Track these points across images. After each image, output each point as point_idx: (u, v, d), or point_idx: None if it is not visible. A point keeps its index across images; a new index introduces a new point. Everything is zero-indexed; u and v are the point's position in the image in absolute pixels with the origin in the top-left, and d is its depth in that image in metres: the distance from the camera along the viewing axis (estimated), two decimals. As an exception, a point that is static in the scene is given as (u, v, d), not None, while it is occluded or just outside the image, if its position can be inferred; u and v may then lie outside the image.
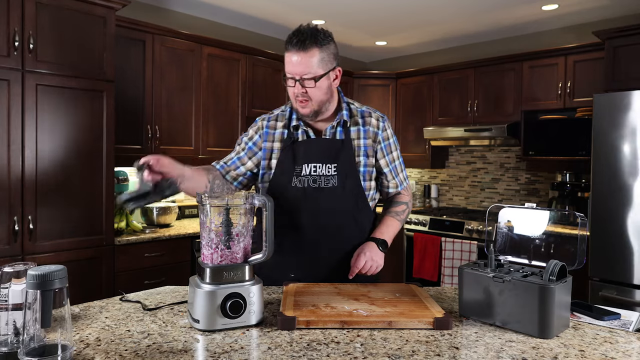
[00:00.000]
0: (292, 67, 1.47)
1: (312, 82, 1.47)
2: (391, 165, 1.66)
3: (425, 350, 1.04)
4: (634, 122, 2.75)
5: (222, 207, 1.20)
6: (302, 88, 1.48)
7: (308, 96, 1.49)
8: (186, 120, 3.45)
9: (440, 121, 4.41)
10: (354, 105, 1.66)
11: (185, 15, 3.83)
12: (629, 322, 1.25)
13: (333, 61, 1.52)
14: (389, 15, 3.83)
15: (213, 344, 1.07)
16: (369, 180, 1.61)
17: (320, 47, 1.47)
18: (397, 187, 1.70)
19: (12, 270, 1.01)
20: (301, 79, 1.47)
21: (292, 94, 1.52)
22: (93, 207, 2.74)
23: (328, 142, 1.57)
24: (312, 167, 1.55)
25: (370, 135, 1.61)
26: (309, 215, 1.55)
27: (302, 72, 1.46)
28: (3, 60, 2.39)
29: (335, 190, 1.55)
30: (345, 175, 1.56)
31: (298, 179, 1.55)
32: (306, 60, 1.45)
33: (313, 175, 1.55)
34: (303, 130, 1.59)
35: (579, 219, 1.23)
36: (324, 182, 1.55)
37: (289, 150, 1.57)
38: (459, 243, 3.76)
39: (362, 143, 1.60)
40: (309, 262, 1.57)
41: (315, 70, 1.46)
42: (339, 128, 1.59)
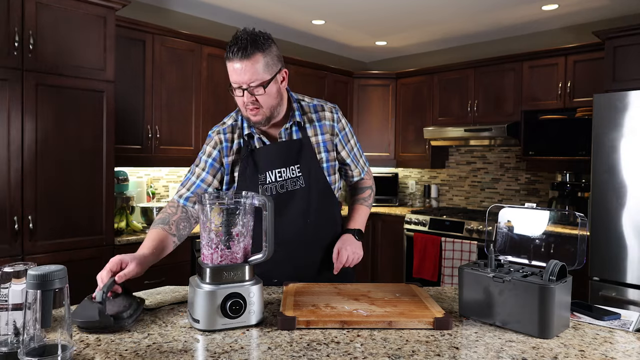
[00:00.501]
0: (237, 76, 1.42)
1: (260, 89, 1.43)
2: (351, 154, 1.66)
3: (425, 350, 1.04)
4: (634, 122, 2.75)
5: (223, 207, 1.20)
6: (251, 97, 1.44)
7: (258, 104, 1.45)
8: (186, 120, 3.45)
9: (440, 121, 4.41)
10: (304, 101, 1.63)
11: (185, 15, 3.83)
12: (629, 322, 1.25)
13: (277, 63, 1.48)
14: (389, 15, 3.83)
15: (213, 344, 1.07)
16: (333, 175, 1.61)
17: (263, 52, 1.42)
18: (360, 175, 1.72)
19: (12, 270, 1.01)
20: (249, 87, 1.42)
21: (242, 104, 1.47)
22: (93, 207, 2.74)
23: (286, 145, 1.54)
24: (276, 173, 1.53)
25: (327, 130, 1.59)
26: (284, 220, 1.53)
27: (248, 80, 1.41)
28: (3, 60, 2.39)
29: (303, 191, 1.54)
30: (310, 175, 1.54)
31: (264, 187, 1.52)
32: (251, 68, 1.40)
33: (279, 180, 1.53)
34: (258, 138, 1.55)
35: (579, 219, 1.23)
36: (291, 186, 1.53)
37: (249, 160, 1.53)
38: (459, 243, 3.76)
39: (321, 139, 1.58)
40: (289, 265, 1.56)
41: (261, 76, 1.42)
42: (294, 128, 1.56)
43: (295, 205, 1.54)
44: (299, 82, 4.17)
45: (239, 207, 1.21)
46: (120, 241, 2.83)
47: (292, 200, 1.54)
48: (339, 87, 4.62)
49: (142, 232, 3.06)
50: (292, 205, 1.54)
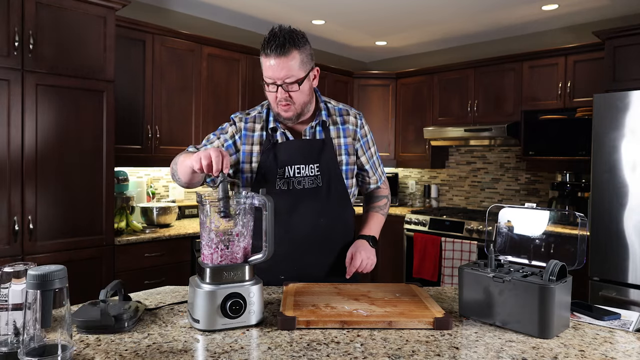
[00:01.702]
0: (274, 72, 1.44)
1: (295, 86, 1.45)
2: (370, 161, 1.68)
3: (425, 350, 1.04)
4: (634, 122, 2.75)
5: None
6: (284, 93, 1.46)
7: (291, 100, 1.48)
8: (186, 120, 3.45)
9: (440, 121, 4.41)
10: (330, 104, 1.66)
11: (185, 15, 3.83)
12: (629, 322, 1.25)
13: (311, 62, 1.51)
14: (389, 15, 3.83)
15: (213, 344, 1.07)
16: (350, 179, 1.62)
17: (299, 49, 1.44)
18: (377, 182, 1.72)
19: (12, 270, 1.01)
20: (283, 83, 1.45)
21: (274, 99, 1.50)
22: (93, 207, 2.74)
23: (309, 143, 1.56)
24: (295, 169, 1.54)
25: (349, 134, 1.61)
26: (297, 216, 1.54)
27: (284, 77, 1.44)
28: (3, 60, 2.39)
29: (320, 191, 1.55)
30: (328, 175, 1.56)
31: (282, 181, 1.53)
32: (287, 64, 1.42)
33: (297, 176, 1.54)
34: (282, 132, 1.57)
35: (579, 219, 1.23)
36: (308, 183, 1.54)
37: (270, 153, 1.55)
38: (459, 243, 3.76)
39: (343, 142, 1.60)
40: (299, 263, 1.57)
41: (297, 73, 1.44)
42: (318, 128, 1.58)
43: (310, 203, 1.55)
44: (299, 82, 4.17)
45: (239, 207, 1.21)
46: (120, 241, 2.83)
47: (307, 198, 1.54)
48: (339, 87, 4.62)
49: (142, 232, 3.06)
50: (307, 203, 1.54)
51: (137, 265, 2.91)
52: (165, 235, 3.03)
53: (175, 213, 3.36)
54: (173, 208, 3.33)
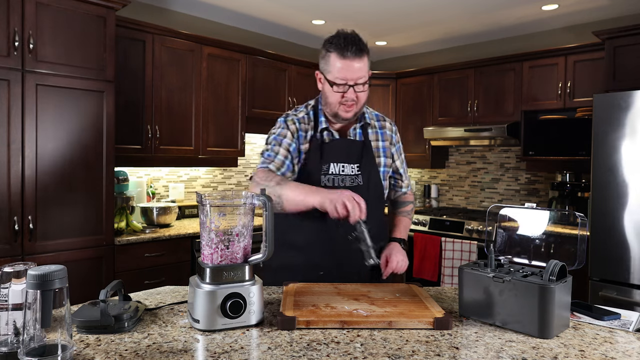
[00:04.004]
0: (352, 73, 1.50)
1: (365, 86, 1.54)
2: (403, 166, 1.78)
3: (425, 350, 1.04)
4: (634, 122, 2.75)
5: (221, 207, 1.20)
6: (354, 93, 1.52)
7: (357, 100, 1.54)
8: (186, 120, 3.45)
9: (440, 121, 4.41)
10: (368, 109, 1.73)
11: (185, 15, 3.83)
12: (629, 322, 1.25)
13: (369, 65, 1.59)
14: (389, 15, 3.83)
15: (213, 344, 1.07)
16: (385, 181, 1.70)
17: (368, 54, 1.55)
18: (407, 187, 1.82)
19: (12, 270, 1.01)
20: (355, 84, 1.51)
21: (338, 99, 1.54)
22: (93, 207, 2.74)
23: (352, 143, 1.63)
24: (340, 167, 1.59)
25: (387, 138, 1.71)
26: None
27: (359, 77, 1.51)
28: (3, 60, 2.39)
29: (359, 189, 1.57)
30: (368, 175, 1.62)
31: (326, 178, 1.58)
32: (364, 66, 1.52)
33: (341, 174, 1.59)
34: (329, 133, 1.63)
35: (579, 219, 1.23)
36: (348, 182, 1.59)
37: (317, 151, 1.60)
38: (459, 243, 3.76)
39: (381, 145, 1.69)
40: (338, 261, 1.59)
41: (367, 75, 1.53)
42: (359, 130, 1.66)
43: None
44: (300, 82, 4.17)
45: (239, 207, 1.21)
46: (120, 241, 2.83)
47: None
48: (339, 87, 4.61)
49: (142, 232, 3.06)
50: None
51: (137, 265, 2.91)
52: (165, 235, 3.03)
53: (175, 213, 3.36)
54: (173, 208, 3.33)
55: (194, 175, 3.94)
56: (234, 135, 3.73)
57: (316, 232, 1.58)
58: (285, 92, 4.09)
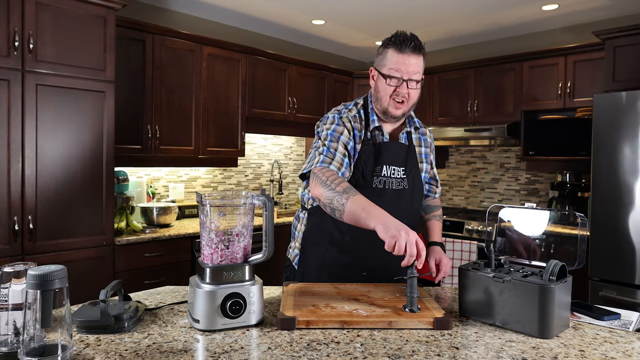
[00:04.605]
0: (408, 67, 1.53)
1: (418, 84, 1.56)
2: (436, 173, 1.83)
3: (425, 350, 1.04)
4: (634, 122, 2.75)
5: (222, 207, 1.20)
6: (406, 89, 1.54)
7: (408, 97, 1.56)
8: (186, 120, 3.45)
9: (440, 121, 4.41)
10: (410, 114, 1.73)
11: (185, 15, 3.83)
12: (629, 322, 1.25)
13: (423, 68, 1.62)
14: (389, 15, 3.83)
15: (213, 344, 1.07)
16: (425, 184, 1.75)
17: (424, 56, 1.58)
18: (439, 193, 1.87)
19: (12, 270, 1.01)
20: (409, 79, 1.53)
21: (389, 94, 1.55)
22: (93, 207, 2.73)
23: (400, 146, 1.65)
24: (391, 169, 1.61)
25: (428, 144, 1.74)
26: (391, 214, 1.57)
27: (414, 73, 1.54)
28: (3, 60, 2.39)
29: (405, 193, 1.62)
30: (412, 179, 1.64)
31: (378, 180, 1.59)
32: (420, 63, 1.55)
33: (391, 177, 1.61)
34: (379, 133, 1.64)
35: (579, 219, 1.23)
36: (395, 184, 1.61)
37: (370, 152, 1.60)
38: (459, 243, 3.76)
39: (423, 151, 1.72)
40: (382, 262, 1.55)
41: (421, 73, 1.57)
42: (404, 134, 1.68)
43: (397, 204, 1.60)
44: (300, 82, 4.17)
45: (239, 207, 1.21)
46: (120, 241, 2.83)
47: (395, 198, 1.61)
48: (339, 87, 4.62)
49: (142, 232, 3.06)
50: (395, 203, 1.59)
51: (137, 265, 2.91)
52: (165, 235, 3.03)
53: (175, 213, 3.36)
54: (173, 208, 3.33)
55: (194, 175, 3.94)
56: (234, 135, 3.73)
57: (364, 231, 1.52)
58: (285, 92, 4.09)
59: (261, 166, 4.46)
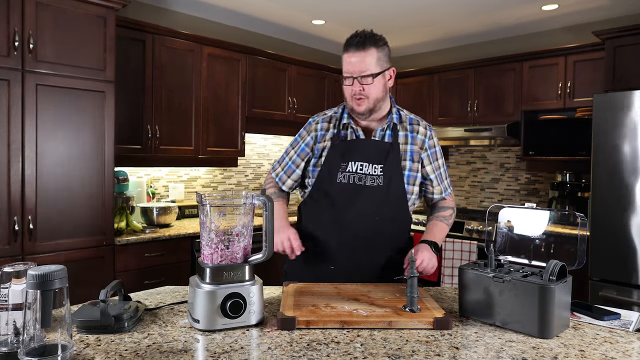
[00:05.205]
0: (352, 66, 1.56)
1: (369, 79, 1.56)
2: (437, 172, 1.73)
3: (425, 350, 1.04)
4: (634, 122, 2.75)
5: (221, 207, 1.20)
6: (359, 86, 1.57)
7: (365, 94, 1.58)
8: (186, 120, 3.44)
9: (440, 121, 4.41)
10: (403, 112, 1.73)
11: (185, 15, 3.83)
12: (629, 322, 1.25)
13: (388, 62, 1.62)
14: (389, 15, 3.83)
15: (213, 344, 1.07)
16: (412, 185, 1.67)
17: (377, 48, 1.57)
18: (442, 193, 1.76)
19: (12, 270, 1.01)
20: (359, 76, 1.56)
21: (349, 93, 1.60)
22: (93, 207, 2.73)
23: (377, 144, 1.64)
24: (358, 165, 1.62)
25: (417, 142, 1.68)
26: (352, 210, 1.60)
27: (361, 70, 1.55)
28: (3, 60, 2.39)
29: (379, 190, 1.60)
30: (390, 177, 1.62)
31: (342, 175, 1.62)
32: (363, 59, 1.55)
33: (359, 172, 1.61)
34: (352, 130, 1.66)
35: (579, 219, 1.23)
36: (369, 181, 1.61)
37: (338, 148, 1.64)
38: (459, 243, 3.76)
39: (409, 148, 1.67)
40: (349, 256, 1.61)
41: (372, 68, 1.56)
42: (389, 132, 1.66)
43: (367, 200, 1.60)
44: (300, 82, 4.17)
45: (239, 207, 1.21)
46: (120, 241, 2.83)
47: (365, 194, 1.60)
48: (339, 87, 4.59)
49: (142, 232, 3.05)
50: (365, 199, 1.60)
51: (137, 265, 2.91)
52: (165, 235, 3.03)
53: (175, 213, 3.36)
54: (173, 208, 3.33)
55: (194, 175, 3.94)
56: (234, 135, 3.73)
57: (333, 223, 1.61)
58: (285, 92, 4.09)
59: (261, 166, 4.46)
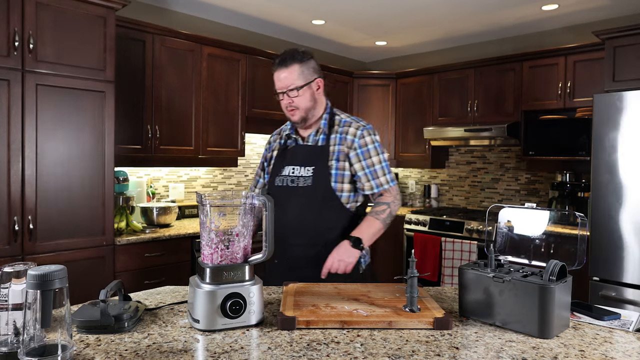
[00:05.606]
0: (279, 82, 1.75)
1: (295, 92, 1.73)
2: (368, 169, 1.78)
3: (425, 350, 1.04)
4: (634, 122, 2.75)
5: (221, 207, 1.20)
6: (289, 99, 1.75)
7: (295, 105, 1.75)
8: (186, 120, 3.44)
9: (440, 121, 4.41)
10: (339, 116, 1.85)
11: (185, 15, 3.83)
12: (629, 322, 1.25)
13: (313, 74, 1.78)
14: (389, 15, 3.83)
15: (213, 344, 1.07)
16: (340, 183, 1.77)
17: (300, 63, 1.74)
18: (373, 189, 1.79)
19: (12, 270, 1.01)
20: (287, 90, 1.73)
21: (284, 106, 1.79)
22: (93, 207, 2.73)
23: (308, 148, 1.81)
24: (291, 169, 1.79)
25: (345, 142, 1.78)
26: (284, 210, 1.74)
27: (286, 85, 1.73)
28: (3, 60, 2.39)
29: (308, 189, 1.74)
30: (319, 177, 1.74)
31: (279, 179, 1.81)
32: (289, 75, 1.73)
33: (291, 175, 1.78)
34: (293, 139, 1.85)
35: (579, 219, 1.23)
36: (302, 182, 1.75)
37: (281, 155, 1.85)
38: (459, 243, 3.76)
39: (337, 149, 1.78)
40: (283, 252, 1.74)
41: (297, 82, 1.73)
42: (322, 136, 1.80)
43: (299, 199, 1.74)
44: (299, 82, 4.17)
45: (239, 207, 1.21)
46: (120, 241, 2.83)
47: (297, 194, 1.75)
48: (339, 87, 4.62)
49: (142, 232, 3.05)
50: (296, 199, 1.75)
51: (137, 265, 2.91)
52: (165, 235, 3.03)
53: (175, 213, 3.36)
54: (173, 208, 3.33)
55: (194, 175, 3.94)
56: (234, 135, 3.73)
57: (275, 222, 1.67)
58: (285, 92, 4.08)
59: (261, 166, 4.45)
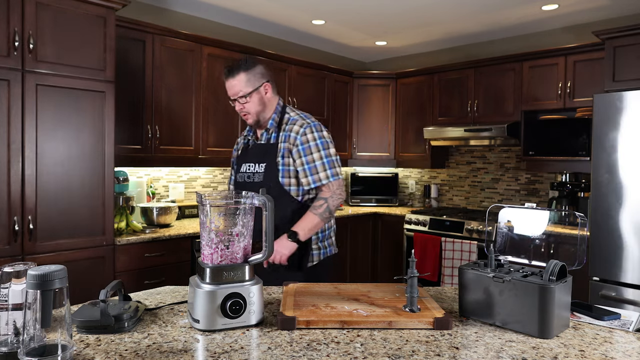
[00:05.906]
0: (230, 90, 1.91)
1: (243, 99, 1.89)
2: (307, 165, 1.89)
3: (425, 350, 1.04)
4: (634, 122, 2.75)
5: (222, 206, 1.20)
6: (240, 105, 1.91)
7: (246, 110, 1.91)
8: (186, 120, 3.44)
9: (440, 121, 4.41)
10: (289, 114, 1.98)
11: (185, 15, 3.83)
12: (629, 322, 1.25)
13: (261, 79, 1.91)
14: (389, 15, 3.83)
15: (213, 344, 1.07)
16: (287, 177, 1.90)
17: (246, 71, 1.88)
18: (310, 185, 1.89)
19: (12, 270, 1.01)
20: (236, 97, 1.90)
21: (238, 112, 1.95)
22: (93, 207, 2.73)
23: (261, 146, 1.97)
24: (247, 166, 1.96)
25: (288, 139, 1.91)
26: None
27: (235, 93, 1.90)
28: (3, 60, 2.39)
29: (259, 184, 1.87)
30: (269, 173, 1.89)
31: (239, 175, 1.99)
32: (236, 84, 1.88)
33: (248, 172, 1.95)
34: (252, 139, 2.03)
35: (579, 219, 1.23)
36: (256, 178, 1.91)
37: (242, 154, 2.03)
38: (459, 243, 3.76)
39: (283, 146, 1.91)
40: None
41: (244, 89, 1.88)
42: (274, 134, 1.95)
43: None
44: (300, 83, 4.17)
45: (239, 207, 1.21)
46: (120, 241, 2.83)
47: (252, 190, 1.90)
48: (339, 87, 4.62)
49: (142, 232, 3.05)
50: None
51: (137, 265, 2.91)
52: (165, 235, 3.03)
53: (175, 213, 3.36)
54: (173, 208, 3.33)
55: (194, 175, 3.94)
56: (234, 135, 3.73)
57: None
58: (285, 92, 4.09)
59: (261, 166, 4.45)
